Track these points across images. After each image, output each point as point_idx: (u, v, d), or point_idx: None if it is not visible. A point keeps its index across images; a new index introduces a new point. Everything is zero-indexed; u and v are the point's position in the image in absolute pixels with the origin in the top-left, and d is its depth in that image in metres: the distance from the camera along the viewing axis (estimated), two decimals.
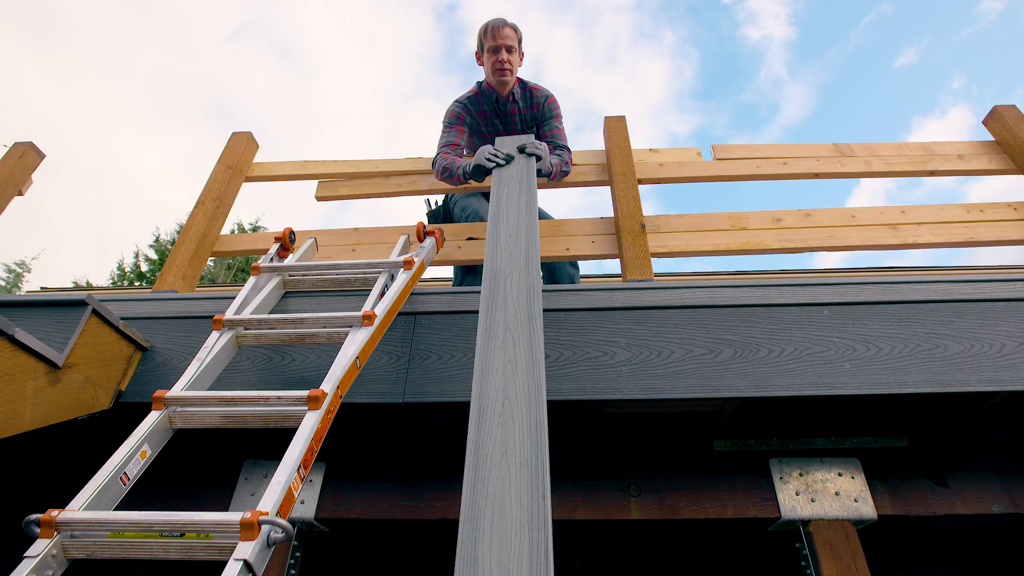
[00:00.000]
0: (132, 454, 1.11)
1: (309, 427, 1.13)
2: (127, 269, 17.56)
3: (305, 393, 1.18)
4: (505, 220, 1.67)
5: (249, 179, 2.40)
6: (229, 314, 1.54)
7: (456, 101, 2.43)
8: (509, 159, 1.94)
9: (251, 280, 1.76)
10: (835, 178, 2.32)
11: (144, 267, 16.79)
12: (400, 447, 1.82)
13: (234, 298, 1.67)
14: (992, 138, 2.43)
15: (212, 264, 19.28)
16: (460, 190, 2.33)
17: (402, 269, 1.71)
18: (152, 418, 1.20)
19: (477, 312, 1.35)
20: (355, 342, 1.38)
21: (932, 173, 2.32)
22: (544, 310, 1.67)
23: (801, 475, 1.70)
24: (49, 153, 2.31)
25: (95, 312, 1.54)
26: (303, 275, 1.79)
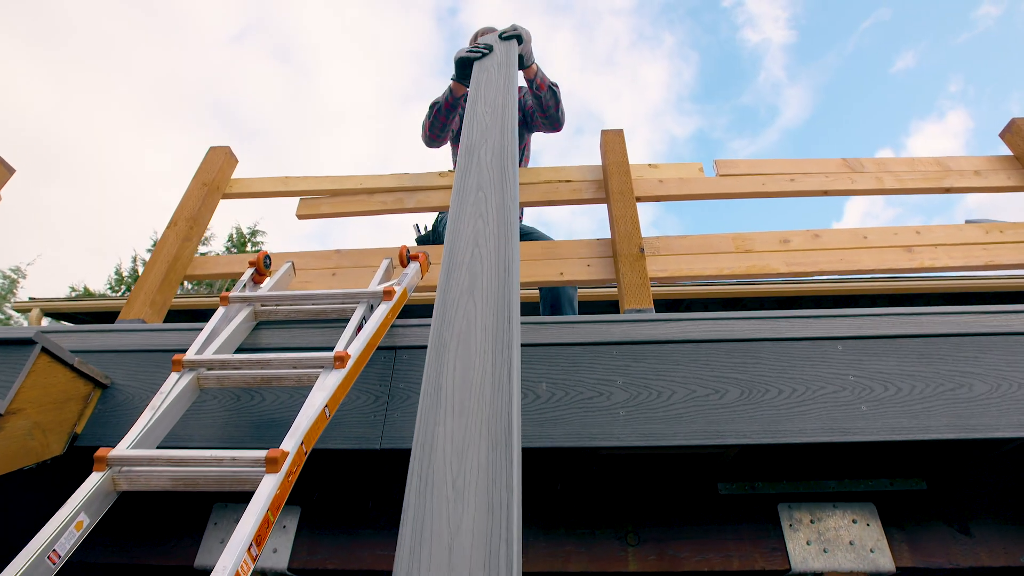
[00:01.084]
0: (65, 526, 0.99)
1: (265, 494, 1.01)
2: (124, 273, 17.46)
3: (262, 454, 1.05)
4: (484, 99, 1.71)
5: (227, 196, 2.28)
6: (191, 353, 1.41)
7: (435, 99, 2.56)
8: (489, 49, 2.02)
9: (220, 311, 1.63)
10: (845, 195, 2.20)
11: (141, 271, 16.70)
12: (381, 492, 1.69)
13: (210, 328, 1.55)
14: (1010, 152, 2.30)
15: None
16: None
17: (382, 300, 1.58)
18: (93, 480, 1.07)
19: None
20: (325, 388, 1.25)
21: (948, 190, 2.20)
22: (535, 344, 1.55)
23: (812, 522, 1.57)
24: (49, 154, 2.20)
25: (45, 351, 1.41)
26: (276, 305, 1.67)
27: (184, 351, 1.49)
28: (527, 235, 2.65)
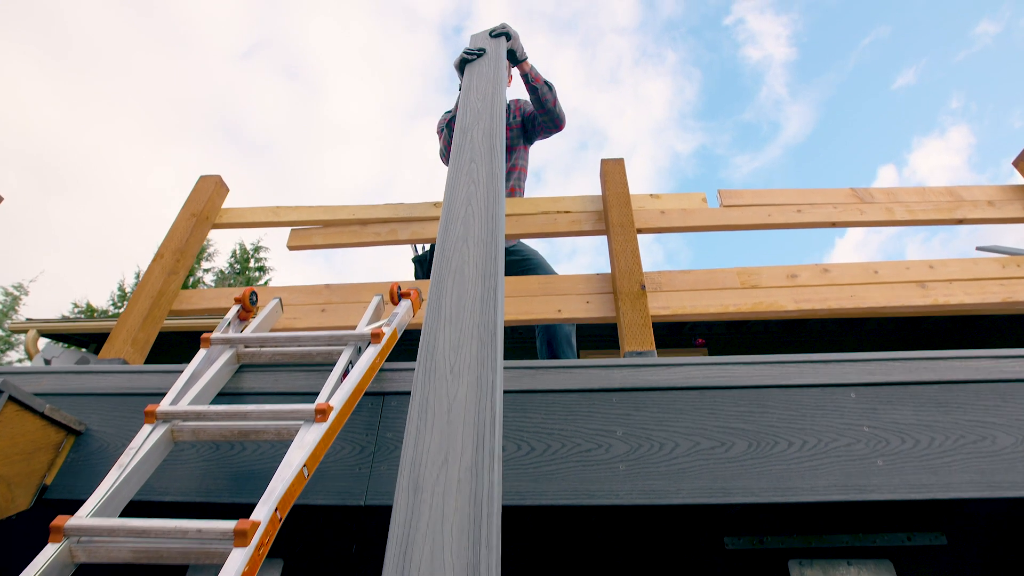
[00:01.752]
0: None
1: (233, 571, 0.93)
2: (127, 289, 17.47)
3: (231, 526, 0.97)
4: (476, 89, 1.96)
5: (217, 226, 2.22)
6: (165, 403, 1.34)
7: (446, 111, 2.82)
8: (482, 51, 2.21)
9: (201, 353, 1.56)
10: (854, 227, 2.12)
11: None
12: (369, 546, 1.60)
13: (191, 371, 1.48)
14: None
15: (213, 285, 19.20)
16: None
17: (369, 343, 1.51)
18: (48, 553, 0.99)
19: None
20: (304, 445, 1.17)
21: (960, 221, 2.12)
22: (530, 392, 1.47)
23: None
24: (55, 167, 2.16)
25: (13, 399, 1.34)
26: (260, 347, 1.60)
27: (164, 394, 1.42)
28: (525, 259, 2.57)
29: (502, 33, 2.31)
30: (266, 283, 19.63)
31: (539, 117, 2.61)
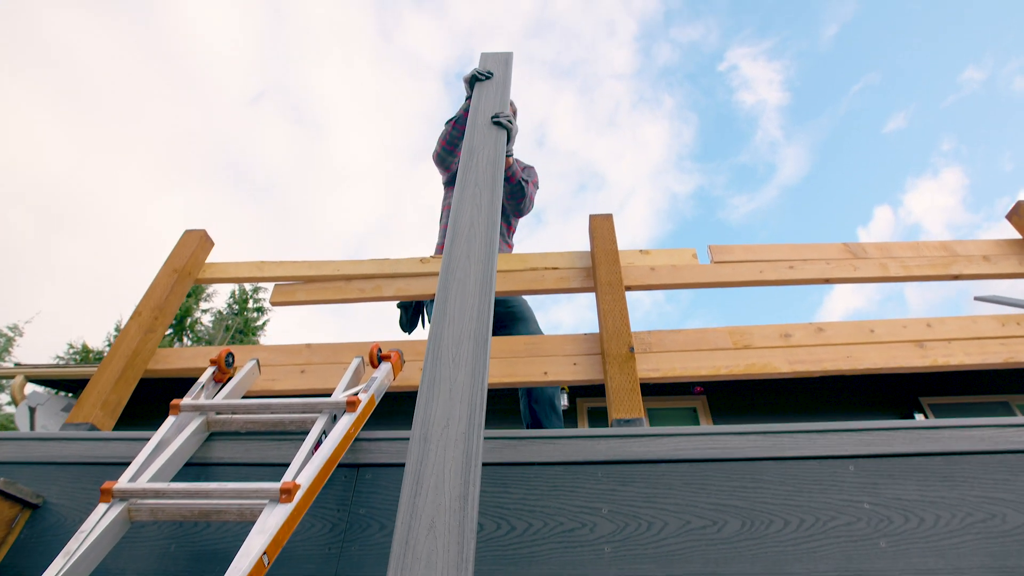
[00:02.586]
0: None
1: None
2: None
3: None
4: (483, 112, 2.07)
5: (199, 281, 2.18)
6: (123, 480, 1.26)
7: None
8: (491, 74, 2.26)
9: (169, 420, 1.49)
10: (847, 283, 2.08)
11: None
12: None
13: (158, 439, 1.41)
14: (1019, 235, 2.20)
15: (211, 325, 19.13)
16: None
17: (344, 411, 1.44)
18: None
19: None
20: (265, 530, 1.09)
21: (956, 277, 2.08)
22: (510, 464, 1.40)
23: None
24: (62, 207, 2.12)
25: None
26: (231, 414, 1.53)
27: (130, 463, 1.35)
28: (509, 311, 2.49)
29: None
30: (264, 324, 19.56)
31: (506, 205, 2.76)
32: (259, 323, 19.47)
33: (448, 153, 2.68)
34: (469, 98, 2.39)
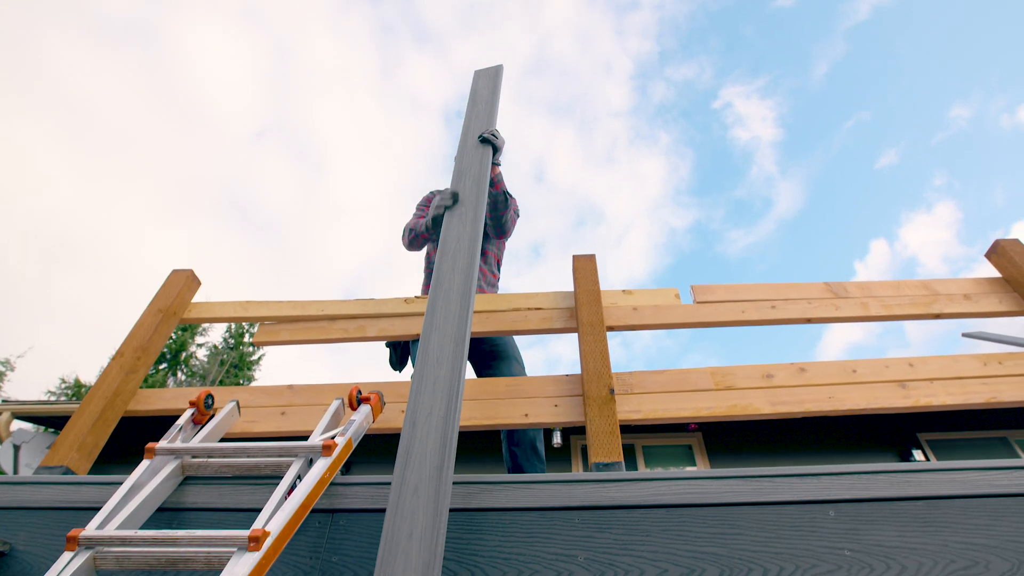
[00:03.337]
0: None
1: None
2: None
3: None
4: (472, 133, 2.32)
5: (184, 321, 2.19)
6: (91, 527, 1.25)
7: (431, 191, 2.93)
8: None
9: (144, 464, 1.48)
10: (829, 323, 2.09)
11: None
12: None
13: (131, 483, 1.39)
14: (999, 274, 2.22)
15: (206, 360, 19.01)
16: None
17: (320, 455, 1.43)
18: None
19: None
20: None
21: (937, 316, 2.09)
22: (486, 510, 1.38)
23: None
24: (63, 241, 2.13)
25: None
26: (207, 458, 1.51)
27: (100, 508, 1.33)
28: (493, 348, 2.47)
29: (488, 141, 2.29)
30: (259, 359, 19.43)
31: (487, 220, 2.60)
32: (254, 357, 19.34)
33: (412, 244, 2.68)
34: (430, 229, 2.35)
